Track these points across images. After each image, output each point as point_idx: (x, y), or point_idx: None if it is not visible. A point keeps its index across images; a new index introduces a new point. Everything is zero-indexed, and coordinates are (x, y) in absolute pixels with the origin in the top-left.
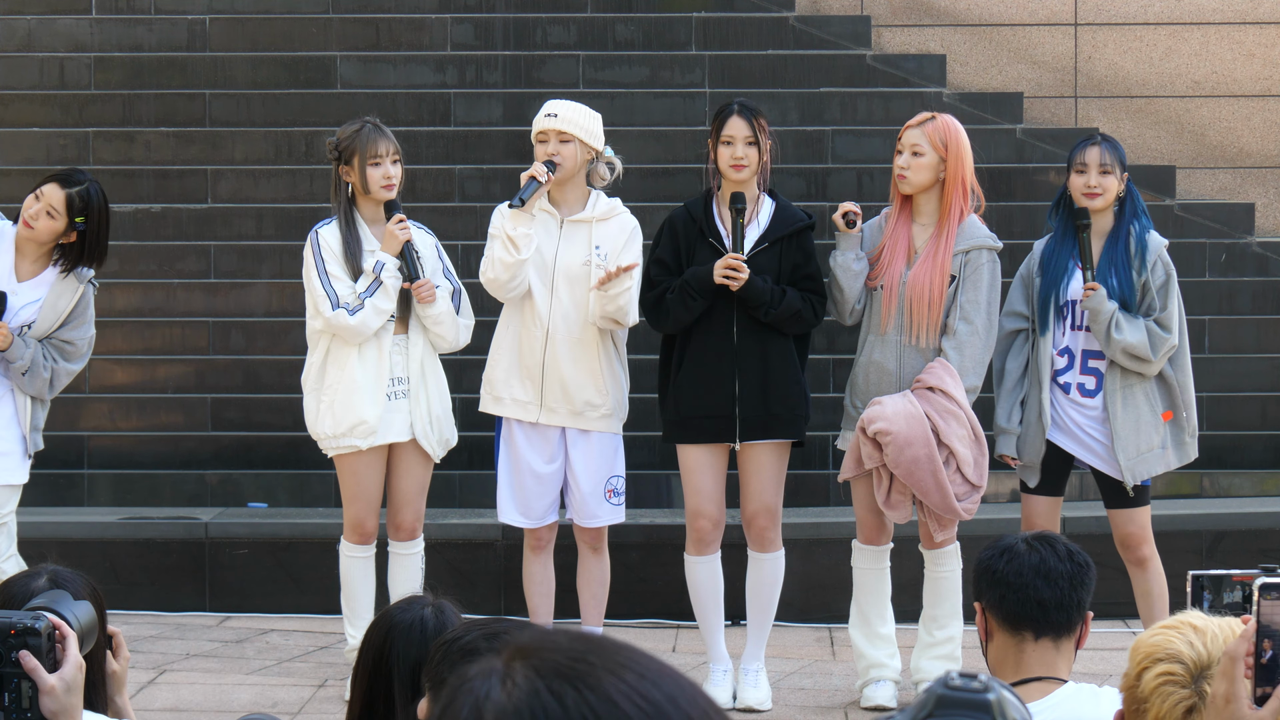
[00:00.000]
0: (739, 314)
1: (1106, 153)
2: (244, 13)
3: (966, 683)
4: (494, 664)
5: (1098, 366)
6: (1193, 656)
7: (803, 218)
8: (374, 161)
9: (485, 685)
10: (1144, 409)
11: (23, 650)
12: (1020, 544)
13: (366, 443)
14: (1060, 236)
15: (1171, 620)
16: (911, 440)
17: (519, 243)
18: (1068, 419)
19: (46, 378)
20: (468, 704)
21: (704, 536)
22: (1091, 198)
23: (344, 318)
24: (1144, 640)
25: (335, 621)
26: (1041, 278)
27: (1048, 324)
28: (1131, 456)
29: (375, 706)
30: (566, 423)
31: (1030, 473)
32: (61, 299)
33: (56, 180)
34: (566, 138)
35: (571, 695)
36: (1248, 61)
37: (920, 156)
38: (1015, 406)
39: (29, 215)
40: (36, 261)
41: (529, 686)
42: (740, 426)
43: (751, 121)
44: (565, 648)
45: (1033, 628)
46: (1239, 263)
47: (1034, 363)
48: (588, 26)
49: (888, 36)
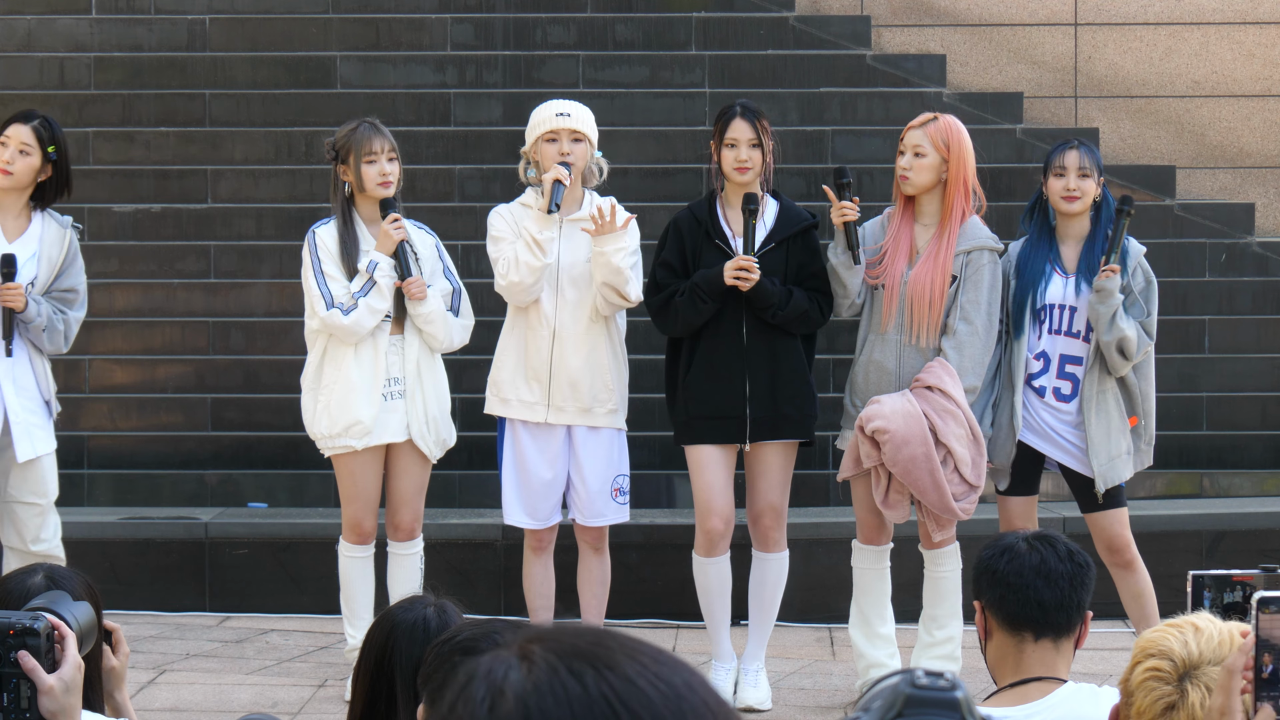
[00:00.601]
0: (748, 315)
1: (1085, 156)
2: (244, 13)
3: (934, 681)
4: (508, 651)
5: (1074, 372)
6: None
7: (807, 217)
8: (369, 159)
9: (503, 668)
10: (1114, 414)
11: (21, 650)
12: (1021, 544)
13: (362, 443)
14: (1036, 240)
15: (1179, 619)
16: (909, 439)
17: (546, 246)
18: (1040, 421)
19: (61, 330)
20: (484, 687)
21: (714, 537)
22: (1070, 201)
23: (338, 317)
24: (1145, 635)
25: (335, 621)
26: (1017, 281)
27: (1022, 327)
28: (1104, 462)
29: (377, 706)
30: (575, 420)
31: (1001, 475)
32: (53, 249)
33: (16, 120)
34: (579, 136)
35: (591, 675)
36: (1248, 61)
37: (922, 157)
38: (988, 409)
39: (3, 163)
40: (19, 217)
41: (549, 667)
42: (751, 427)
43: (755, 123)
44: (581, 633)
45: (1032, 628)
46: (1239, 263)
47: (1006, 365)
48: (588, 26)
49: (888, 36)
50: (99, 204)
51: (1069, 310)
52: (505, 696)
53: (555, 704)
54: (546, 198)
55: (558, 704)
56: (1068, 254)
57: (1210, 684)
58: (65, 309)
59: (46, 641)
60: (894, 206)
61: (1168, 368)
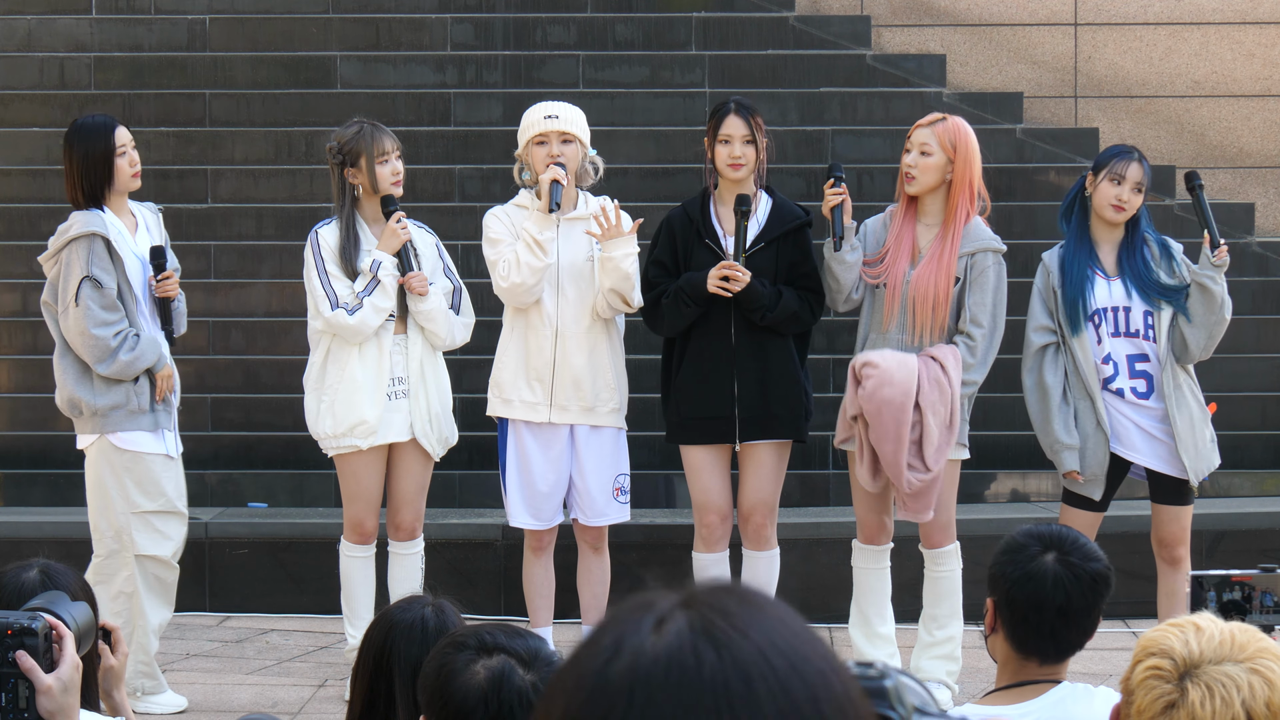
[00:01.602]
0: (737, 315)
1: (1144, 172)
2: (244, 13)
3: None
4: (658, 605)
5: (1145, 369)
6: (1184, 654)
7: (800, 214)
8: (382, 159)
9: (638, 625)
10: (1194, 405)
11: (19, 650)
12: (1046, 568)
13: (367, 442)
14: (1077, 244)
15: (1182, 619)
16: (893, 380)
17: (547, 246)
18: (1126, 424)
19: (185, 310)
20: (611, 639)
21: (712, 532)
22: (1119, 211)
23: (343, 317)
24: (1148, 634)
25: (335, 621)
26: (1064, 286)
27: (1079, 327)
28: (1193, 455)
29: (376, 706)
30: (578, 419)
31: (1094, 486)
32: (159, 236)
33: (118, 124)
34: (568, 138)
35: (713, 656)
36: (1248, 61)
37: (929, 157)
38: (1070, 421)
39: (133, 168)
40: (126, 213)
41: (677, 637)
42: (740, 427)
43: (749, 120)
44: (732, 612)
45: (1041, 658)
46: (1239, 263)
47: (1074, 372)
48: (588, 26)
49: (888, 36)
50: None
51: (1123, 311)
52: (623, 656)
53: (665, 680)
54: (546, 198)
55: (667, 681)
56: (1105, 258)
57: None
58: None
59: (45, 641)
60: (896, 205)
61: None
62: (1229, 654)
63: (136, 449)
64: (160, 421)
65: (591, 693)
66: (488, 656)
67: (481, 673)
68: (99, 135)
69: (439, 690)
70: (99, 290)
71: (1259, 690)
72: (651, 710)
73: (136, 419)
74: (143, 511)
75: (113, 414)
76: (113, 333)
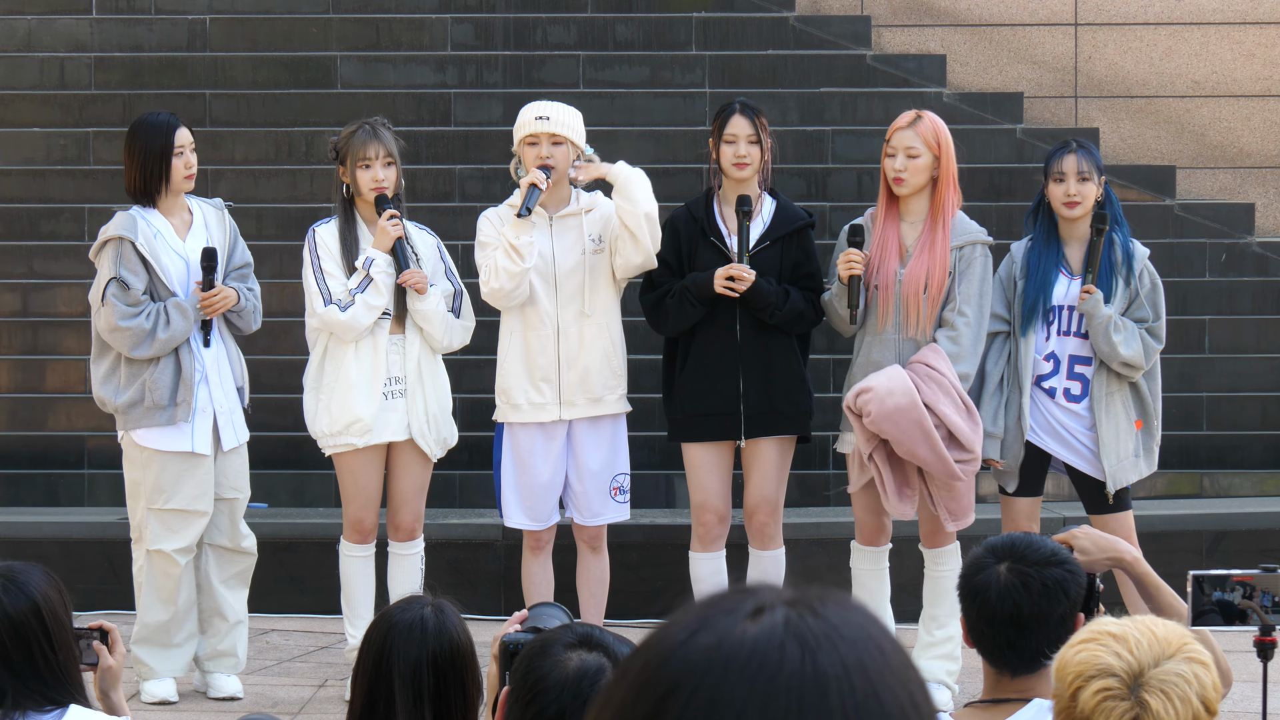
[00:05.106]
0: (741, 312)
1: (1083, 159)
2: (244, 13)
3: None
4: (761, 592)
5: (1084, 372)
6: (1124, 668)
7: (803, 216)
8: (363, 164)
9: (735, 607)
10: (1122, 416)
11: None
12: (994, 577)
13: (363, 441)
14: (1043, 242)
15: (1086, 633)
16: (893, 390)
17: (523, 251)
18: (1052, 420)
19: (252, 306)
20: (699, 615)
21: (709, 532)
22: (1071, 206)
23: (335, 314)
24: (1069, 658)
25: (335, 621)
26: (1025, 282)
27: (1029, 327)
28: (1114, 463)
29: (376, 706)
30: (587, 412)
31: (1009, 477)
32: (219, 232)
33: (181, 125)
34: (559, 139)
35: (797, 659)
36: (1248, 61)
37: (916, 158)
38: (1000, 410)
39: (188, 170)
40: (183, 212)
41: (768, 632)
42: (745, 423)
43: (754, 120)
44: (833, 622)
45: (1009, 670)
46: (1239, 263)
47: (1013, 365)
48: (588, 26)
49: (888, 36)
50: (99, 204)
51: (1076, 311)
52: (710, 634)
53: (744, 667)
54: (520, 201)
55: (746, 668)
56: (1073, 255)
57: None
58: (248, 283)
59: None
60: (876, 206)
61: (1168, 368)
62: (1162, 653)
63: (154, 447)
64: (181, 415)
65: (669, 660)
66: (587, 651)
67: (573, 661)
68: (159, 133)
69: (528, 662)
70: (125, 290)
71: (1204, 678)
72: (723, 692)
73: (152, 415)
74: (158, 509)
75: (130, 411)
76: (142, 315)
